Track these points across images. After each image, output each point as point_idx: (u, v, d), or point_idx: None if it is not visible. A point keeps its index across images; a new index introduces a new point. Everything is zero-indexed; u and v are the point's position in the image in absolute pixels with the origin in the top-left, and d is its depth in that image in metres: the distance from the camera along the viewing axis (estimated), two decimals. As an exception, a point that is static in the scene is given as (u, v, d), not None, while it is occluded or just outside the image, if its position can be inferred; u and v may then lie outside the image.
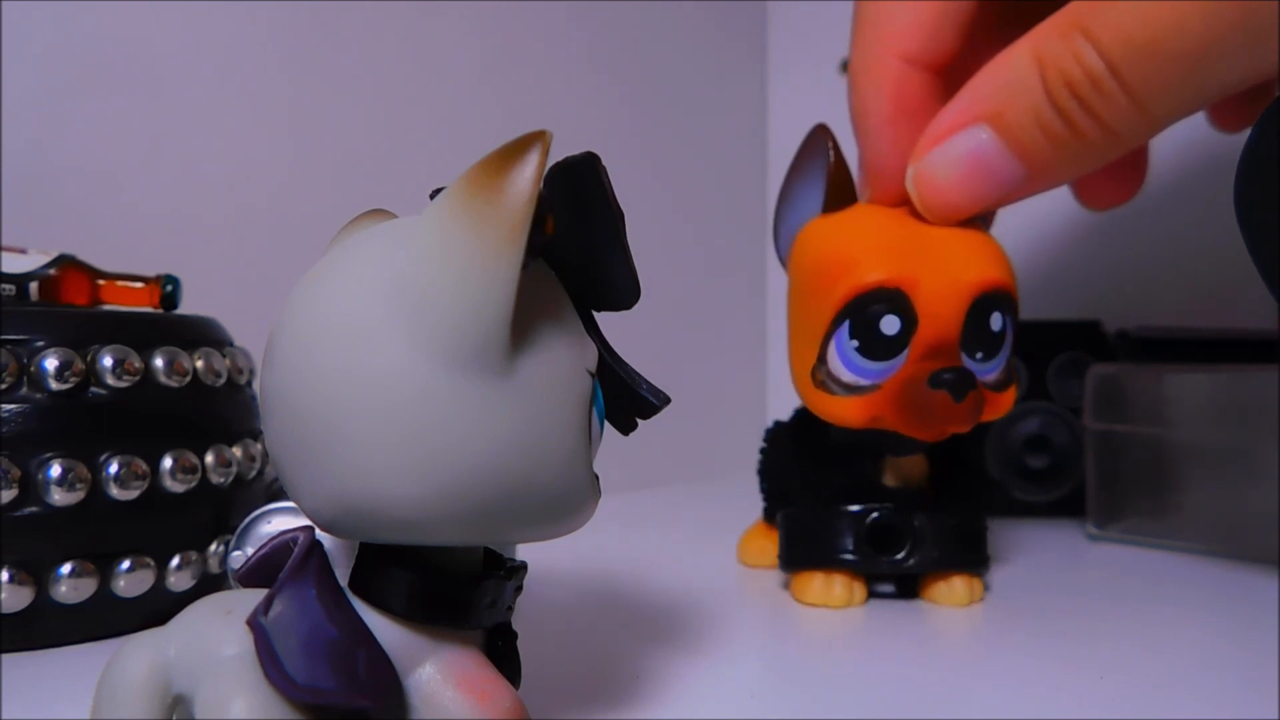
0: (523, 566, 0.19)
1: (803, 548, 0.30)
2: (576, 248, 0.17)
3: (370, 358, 0.15)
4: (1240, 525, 0.36)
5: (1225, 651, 0.25)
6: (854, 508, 0.29)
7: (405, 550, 0.17)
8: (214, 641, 0.15)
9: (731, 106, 0.63)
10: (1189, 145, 0.47)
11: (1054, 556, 0.37)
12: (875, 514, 0.29)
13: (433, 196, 0.18)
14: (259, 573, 0.18)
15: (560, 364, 0.16)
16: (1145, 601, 0.30)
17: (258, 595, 0.16)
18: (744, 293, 0.63)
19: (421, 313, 0.15)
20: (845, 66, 0.30)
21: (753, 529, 0.35)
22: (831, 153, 0.29)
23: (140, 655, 0.16)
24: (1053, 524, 0.43)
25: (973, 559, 0.30)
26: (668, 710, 0.21)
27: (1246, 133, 0.22)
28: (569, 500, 0.17)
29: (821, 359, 0.27)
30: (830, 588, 0.29)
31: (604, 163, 0.17)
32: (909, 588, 0.30)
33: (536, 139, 0.15)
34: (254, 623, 0.15)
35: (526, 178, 0.15)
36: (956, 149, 0.25)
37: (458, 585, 0.17)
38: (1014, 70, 0.24)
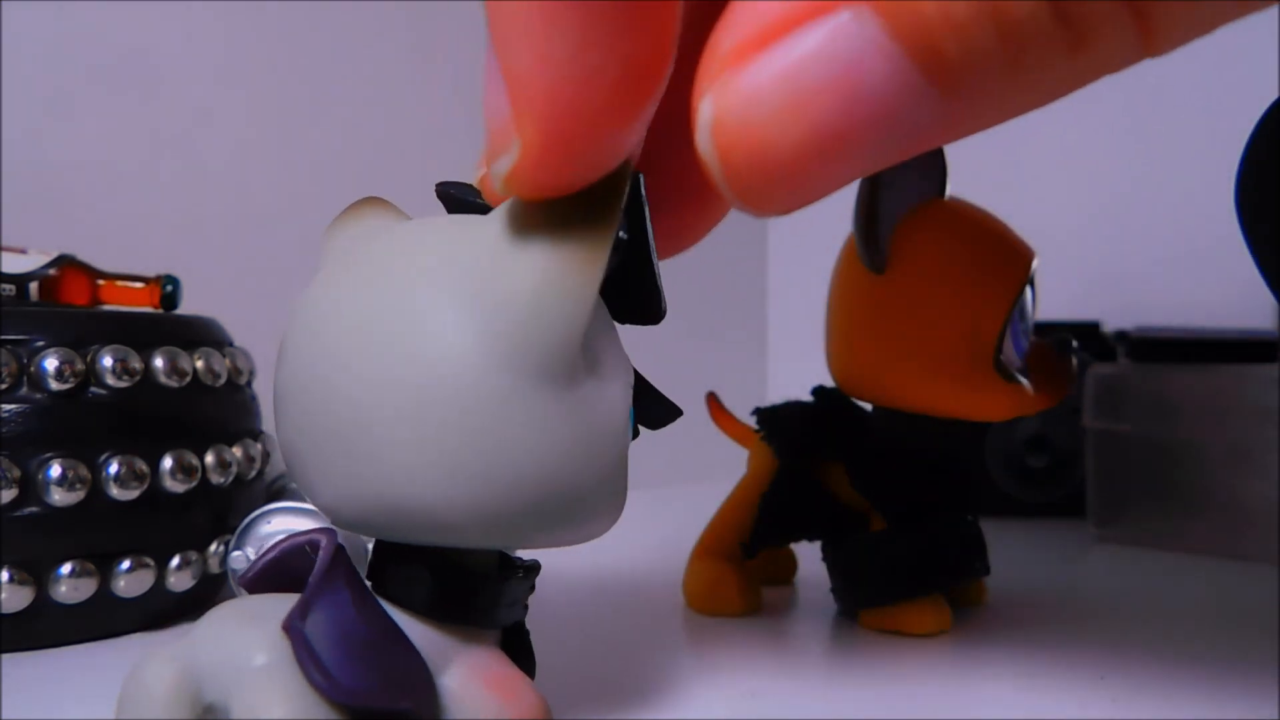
0: (538, 566, 0.19)
1: (916, 572, 0.26)
2: (616, 263, 0.17)
3: (439, 361, 0.15)
4: (1240, 525, 0.36)
5: (1225, 651, 0.25)
6: (952, 520, 0.27)
7: (425, 549, 0.17)
8: (245, 649, 0.15)
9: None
10: (1188, 144, 0.47)
11: (1054, 556, 0.37)
12: (963, 524, 0.28)
13: (438, 192, 0.18)
14: (270, 576, 0.17)
15: (614, 378, 0.16)
16: (1145, 602, 0.30)
17: (280, 600, 0.16)
18: (744, 292, 0.63)
19: (497, 321, 0.15)
20: None
21: (708, 565, 0.29)
22: None
23: (166, 665, 0.15)
24: (1053, 524, 0.43)
25: None
26: (668, 710, 0.21)
27: (1247, 133, 0.22)
28: (604, 509, 0.17)
29: (997, 349, 0.25)
30: (942, 611, 0.26)
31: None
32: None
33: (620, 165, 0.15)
34: (291, 627, 0.15)
35: (611, 196, 0.15)
36: (801, 58, 0.12)
37: (482, 584, 0.17)
38: None
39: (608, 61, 0.13)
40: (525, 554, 0.19)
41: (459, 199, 0.18)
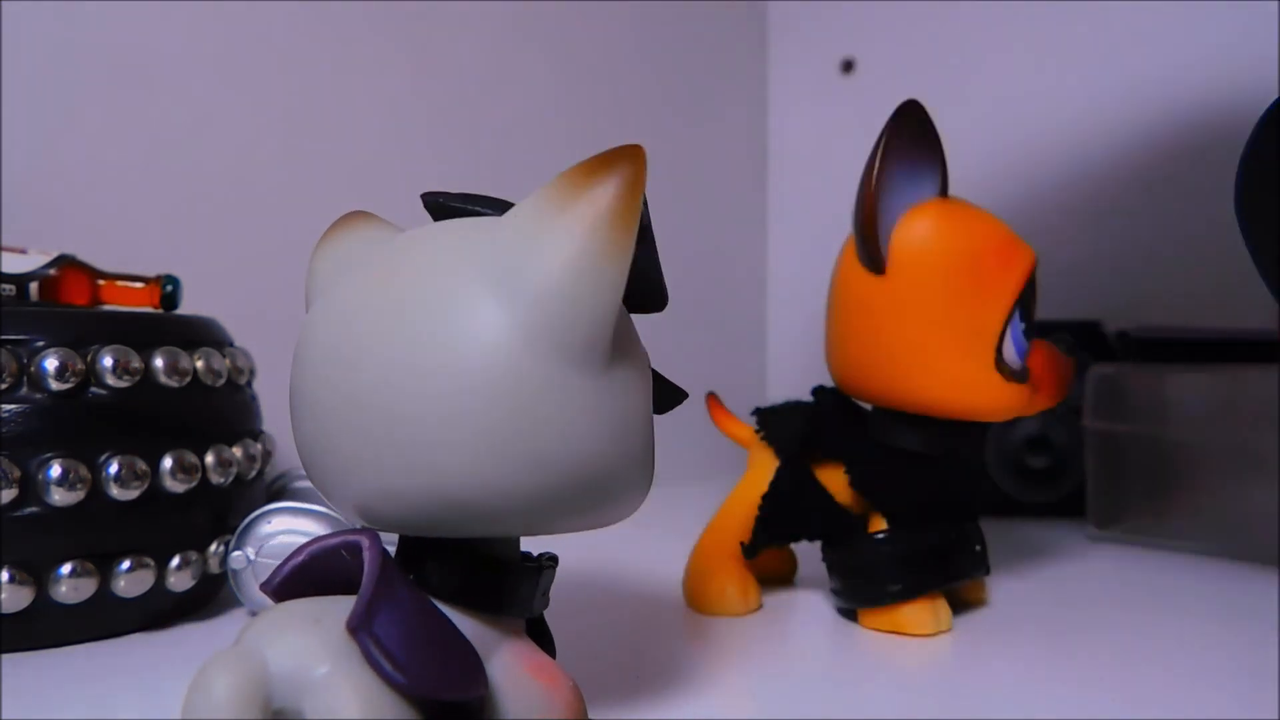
0: (557, 558, 0.19)
1: (916, 572, 0.27)
2: (640, 251, 0.18)
3: (481, 352, 0.15)
4: (1240, 525, 0.36)
5: (1225, 651, 0.25)
6: (952, 520, 0.28)
7: (454, 543, 0.17)
8: (312, 653, 0.15)
9: (732, 107, 0.62)
10: (1188, 145, 0.47)
11: (1054, 557, 0.37)
12: (963, 524, 0.28)
13: (425, 201, 0.18)
14: (301, 580, 0.17)
15: (640, 362, 0.17)
16: (1145, 602, 0.30)
17: (330, 603, 0.16)
18: (744, 292, 0.63)
19: (535, 310, 0.15)
20: (846, 66, 0.29)
21: (708, 565, 0.29)
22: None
23: (233, 672, 0.15)
24: (1053, 524, 0.43)
25: None
26: (668, 710, 0.21)
27: (1247, 134, 0.22)
28: (636, 489, 0.17)
29: (998, 349, 0.26)
30: (940, 612, 0.27)
31: None
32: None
33: (636, 152, 0.15)
34: (360, 629, 0.15)
35: (635, 185, 0.15)
36: None
37: (518, 576, 0.18)
38: None
39: None
40: (530, 546, 0.19)
41: (446, 206, 0.18)
